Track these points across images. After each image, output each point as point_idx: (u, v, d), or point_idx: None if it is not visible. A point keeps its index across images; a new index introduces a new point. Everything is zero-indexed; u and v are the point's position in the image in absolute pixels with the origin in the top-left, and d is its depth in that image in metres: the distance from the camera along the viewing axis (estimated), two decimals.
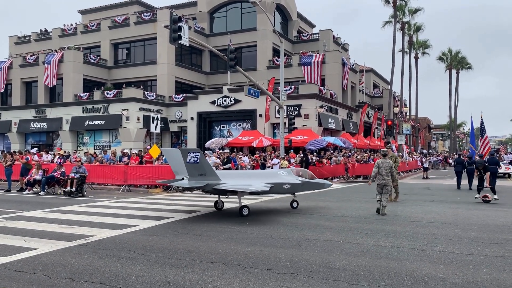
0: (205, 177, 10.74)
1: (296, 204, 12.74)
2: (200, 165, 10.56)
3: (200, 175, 10.68)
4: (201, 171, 10.66)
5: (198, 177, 10.71)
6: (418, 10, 49.27)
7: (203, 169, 10.66)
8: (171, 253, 7.05)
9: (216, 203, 12.50)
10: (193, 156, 10.37)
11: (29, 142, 41.02)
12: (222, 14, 44.25)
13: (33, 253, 7.04)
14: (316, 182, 12.95)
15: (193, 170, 10.58)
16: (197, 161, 10.44)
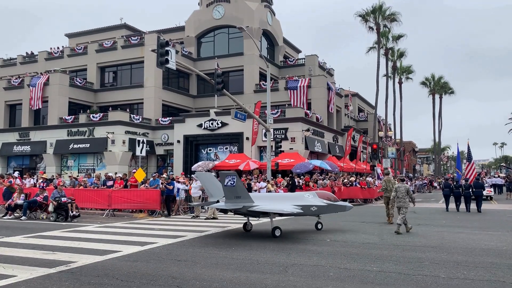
0: (241, 200, 11.38)
1: (320, 226, 13.21)
2: (236, 188, 11.27)
3: (236, 197, 11.33)
4: (237, 194, 11.33)
5: (234, 200, 11.33)
6: (401, 36, 50.50)
7: (238, 192, 11.35)
8: (154, 279, 6.90)
9: (245, 224, 13.04)
10: (230, 179, 11.09)
11: (11, 166, 40.27)
12: (209, 39, 44.75)
13: (12, 280, 6.82)
14: (338, 204, 13.60)
15: (230, 192, 11.26)
16: (233, 184, 11.15)
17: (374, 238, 11.59)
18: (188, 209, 19.84)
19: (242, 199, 11.37)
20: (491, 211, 21.65)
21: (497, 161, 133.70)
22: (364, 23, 46.33)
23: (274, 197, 14.14)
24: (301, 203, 12.30)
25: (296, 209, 11.83)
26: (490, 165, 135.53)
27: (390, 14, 45.99)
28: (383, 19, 46.29)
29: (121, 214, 18.73)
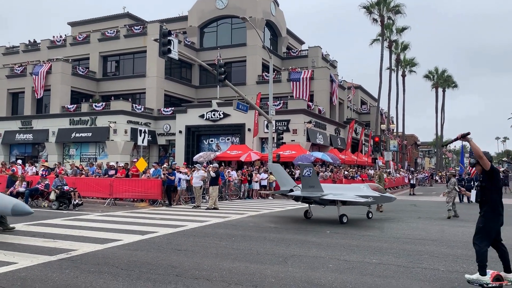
0: (314, 189, 12.52)
1: (371, 215, 14.13)
2: (311, 179, 12.43)
3: (310, 187, 12.48)
4: (311, 184, 12.50)
5: (308, 188, 12.51)
6: (405, 28, 50.17)
7: (312, 182, 12.51)
8: (154, 268, 6.92)
9: (306, 212, 13.95)
10: (307, 170, 12.36)
11: (14, 154, 40.39)
12: (212, 29, 44.54)
13: (13, 267, 6.86)
14: (386, 196, 14.57)
15: (306, 182, 12.47)
16: (310, 175, 12.33)
17: (374, 230, 11.60)
18: (189, 199, 19.90)
19: (315, 189, 12.51)
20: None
21: (499, 156, 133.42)
22: (368, 14, 46.05)
23: (338, 188, 14.83)
24: (360, 194, 13.34)
25: (358, 198, 12.88)
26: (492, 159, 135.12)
27: (394, 6, 45.67)
28: (388, 11, 45.98)
29: (123, 203, 18.79)
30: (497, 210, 6.06)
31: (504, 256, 6.19)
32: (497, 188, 6.20)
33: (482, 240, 6.05)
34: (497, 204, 6.07)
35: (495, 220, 6.08)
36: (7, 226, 10.45)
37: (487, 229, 6.07)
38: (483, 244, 6.02)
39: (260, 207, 18.20)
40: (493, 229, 6.10)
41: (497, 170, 6.22)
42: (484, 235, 6.08)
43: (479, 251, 6.01)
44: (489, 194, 6.11)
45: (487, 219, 6.08)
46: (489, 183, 6.12)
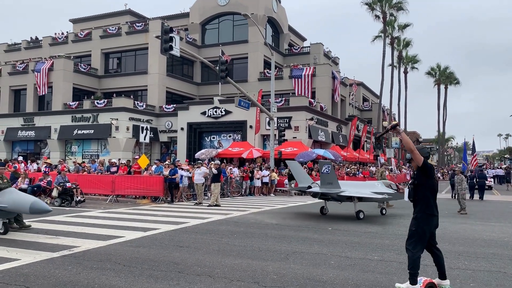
0: (332, 185, 12.84)
1: (384, 211, 14.46)
2: (329, 176, 12.81)
3: (328, 183, 12.82)
4: (329, 181, 12.84)
5: (327, 185, 12.84)
6: (407, 25, 50.02)
7: (330, 179, 12.87)
8: (156, 265, 6.95)
9: (322, 208, 14.25)
10: (326, 167, 12.78)
11: (16, 151, 40.48)
12: (214, 26, 44.48)
13: (15, 264, 6.89)
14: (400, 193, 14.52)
15: (325, 179, 12.86)
16: (328, 172, 12.75)
17: (376, 227, 11.61)
18: (191, 196, 19.93)
19: (333, 185, 12.84)
20: (494, 202, 21.64)
21: (502, 153, 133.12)
22: (371, 11, 45.95)
23: (354, 185, 15.05)
24: (376, 190, 13.65)
25: (374, 195, 13.20)
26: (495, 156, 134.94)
27: (396, 2, 45.53)
28: (390, 8, 45.85)
29: (125, 200, 18.84)
30: (429, 211, 5.56)
31: (439, 261, 5.77)
32: (430, 186, 5.64)
33: (416, 245, 5.54)
34: (430, 204, 5.58)
35: (428, 222, 5.58)
36: (23, 224, 10.39)
37: (420, 232, 5.55)
38: (416, 250, 5.53)
39: (262, 204, 18.22)
40: (426, 232, 5.58)
41: (431, 166, 5.66)
42: (418, 239, 5.55)
43: (411, 257, 5.51)
44: (422, 193, 5.59)
45: (419, 221, 5.56)
46: (422, 180, 5.61)
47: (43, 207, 9.58)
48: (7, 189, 9.96)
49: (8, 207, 9.46)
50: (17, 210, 9.74)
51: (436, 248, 5.80)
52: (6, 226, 9.66)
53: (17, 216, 10.23)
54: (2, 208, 9.48)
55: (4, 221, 9.64)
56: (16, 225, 10.30)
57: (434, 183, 5.69)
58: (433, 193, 5.64)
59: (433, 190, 5.65)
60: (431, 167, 5.63)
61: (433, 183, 5.67)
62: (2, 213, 9.57)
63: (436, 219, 5.63)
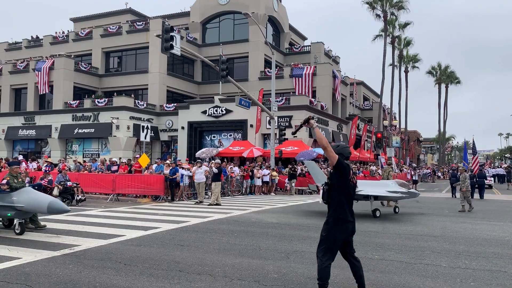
0: None
1: (398, 210, 14.67)
2: None
3: None
4: None
5: None
6: (407, 24, 49.98)
7: None
8: (157, 264, 6.96)
9: None
10: None
11: (17, 149, 40.52)
12: (214, 25, 44.48)
13: (17, 262, 6.91)
14: (412, 191, 15.10)
15: None
16: None
17: (376, 226, 11.61)
18: (192, 195, 19.95)
19: None
20: (494, 201, 21.65)
21: (502, 152, 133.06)
22: (371, 10, 45.90)
23: (369, 184, 15.39)
24: (391, 189, 13.97)
25: (389, 194, 13.51)
26: (495, 155, 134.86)
27: (397, 1, 45.48)
28: (391, 7, 45.81)
29: (125, 199, 18.85)
30: (342, 215, 5.02)
31: (357, 272, 5.21)
32: (344, 187, 5.07)
33: (325, 253, 5.00)
34: (344, 207, 5.03)
35: (340, 228, 5.03)
36: (38, 224, 10.24)
37: (330, 239, 5.00)
38: (325, 258, 4.98)
39: (262, 203, 18.23)
40: (338, 239, 5.04)
41: (346, 165, 5.08)
42: (328, 246, 5.02)
43: (319, 266, 4.99)
44: (336, 195, 5.06)
45: (330, 226, 5.04)
46: (336, 180, 5.09)
47: (61, 207, 9.43)
48: (23, 188, 9.78)
49: (25, 207, 9.31)
50: (34, 210, 9.58)
51: (354, 257, 5.27)
52: (22, 226, 9.46)
53: (32, 216, 10.06)
54: (19, 208, 9.35)
55: (20, 221, 9.44)
56: (31, 225, 10.12)
57: (349, 185, 5.11)
58: (347, 196, 5.09)
59: (347, 192, 5.09)
60: (346, 166, 5.08)
61: (348, 184, 5.09)
62: (19, 213, 9.43)
63: (351, 225, 5.08)
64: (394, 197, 13.95)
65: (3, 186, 9.53)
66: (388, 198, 14.00)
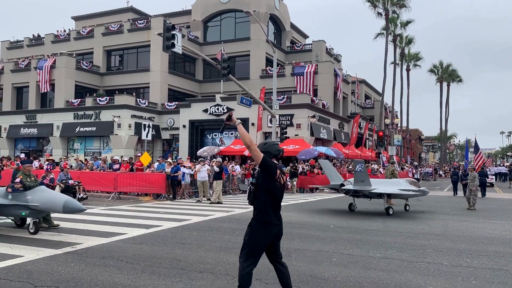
0: (364, 183, 13.45)
1: (408, 207, 14.97)
2: (362, 174, 13.51)
3: (361, 181, 13.44)
4: (362, 179, 13.48)
5: (360, 183, 13.48)
6: (409, 22, 49.90)
7: (363, 177, 13.52)
8: (159, 262, 6.97)
9: (351, 205, 14.83)
10: (360, 166, 13.53)
11: (19, 148, 40.58)
12: (216, 23, 44.44)
13: (19, 260, 6.93)
14: (422, 189, 15.33)
15: (358, 177, 13.53)
16: (361, 170, 13.45)
17: (377, 224, 11.62)
18: (193, 193, 19.97)
19: (365, 183, 13.47)
20: (496, 199, 21.62)
21: (504, 150, 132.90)
22: (373, 8, 45.80)
23: (382, 183, 15.56)
24: (403, 188, 14.39)
25: (401, 192, 13.86)
26: (497, 154, 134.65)
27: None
28: (392, 5, 45.70)
29: (127, 197, 18.89)
30: (266, 218, 4.65)
31: (283, 280, 4.85)
32: (269, 188, 4.68)
33: (247, 258, 4.64)
34: (267, 210, 4.66)
35: (264, 232, 4.64)
36: (51, 223, 10.15)
37: (253, 243, 4.63)
38: (247, 263, 4.62)
39: None
40: (261, 243, 4.66)
41: (271, 164, 4.69)
42: (250, 251, 4.64)
43: (240, 272, 4.62)
44: (261, 196, 4.68)
45: (253, 229, 4.66)
46: (261, 180, 4.72)
47: (77, 206, 9.24)
48: (37, 187, 9.63)
49: (40, 206, 9.15)
50: (49, 210, 9.42)
51: (280, 263, 4.90)
52: (36, 226, 9.32)
53: (45, 215, 9.92)
54: (34, 207, 9.19)
55: (34, 220, 9.32)
56: (45, 225, 10.02)
57: (276, 185, 4.71)
58: (272, 198, 4.70)
59: (273, 194, 4.69)
60: (272, 166, 4.69)
61: (274, 185, 4.70)
62: (33, 212, 9.28)
63: (275, 228, 4.71)
64: (406, 195, 14.18)
65: (17, 185, 9.38)
66: (400, 196, 14.32)
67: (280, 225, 4.80)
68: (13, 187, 9.46)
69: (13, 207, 9.40)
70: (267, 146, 4.94)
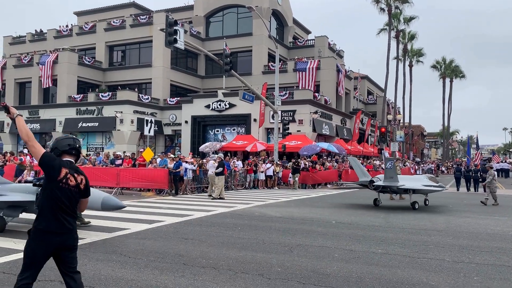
0: (393, 180, 14.19)
1: (428, 202, 15.54)
2: (392, 171, 14.29)
3: (390, 178, 14.20)
4: (391, 175, 14.24)
5: (389, 179, 14.22)
6: (412, 18, 49.69)
7: (392, 174, 14.29)
8: (162, 257, 7.01)
9: (376, 200, 15.45)
10: (390, 163, 14.51)
11: (21, 143, 40.67)
12: (218, 18, 44.35)
13: (22, 255, 6.95)
14: (440, 185, 16.21)
15: (388, 173, 14.30)
16: (391, 167, 14.34)
17: (379, 220, 11.63)
18: (195, 189, 20.01)
19: (393, 179, 14.20)
20: (498, 196, 21.54)
21: (506, 146, 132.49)
22: (376, 4, 45.66)
23: (408, 179, 16.46)
24: (425, 183, 15.26)
25: (424, 187, 14.83)
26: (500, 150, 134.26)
27: None
28: (395, 0, 45.50)
29: (129, 192, 18.93)
30: (42, 225, 3.90)
31: None
32: (50, 190, 3.92)
33: (24, 270, 3.98)
34: (46, 216, 3.90)
35: (40, 242, 3.90)
36: (82, 220, 9.90)
37: (29, 253, 3.94)
38: (22, 276, 3.96)
39: (266, 197, 18.27)
40: (38, 255, 3.93)
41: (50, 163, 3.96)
42: (26, 262, 3.97)
43: (15, 285, 3.95)
44: (41, 199, 4.00)
45: (30, 238, 3.96)
46: (44, 181, 4.05)
47: (116, 202, 8.75)
48: None
49: None
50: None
51: (72, 277, 4.06)
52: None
53: None
54: None
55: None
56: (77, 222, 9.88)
57: (59, 187, 3.93)
58: (54, 201, 3.90)
59: (55, 197, 3.90)
60: (53, 165, 3.96)
61: (56, 187, 3.92)
62: None
63: (58, 238, 3.90)
64: (428, 190, 15.13)
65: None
66: (423, 192, 15.13)
67: (66, 235, 3.95)
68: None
69: None
70: (56, 141, 4.29)
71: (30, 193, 9.24)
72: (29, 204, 9.04)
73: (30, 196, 9.11)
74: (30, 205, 9.08)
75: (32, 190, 9.32)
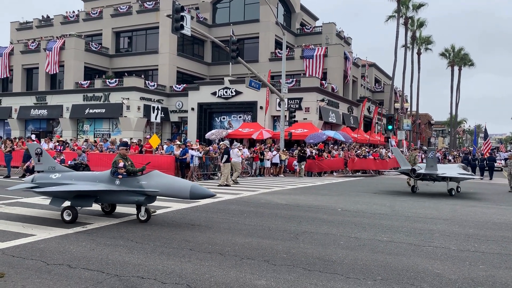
0: (433, 168, 15.24)
1: (460, 189, 16.36)
2: (433, 160, 15.40)
3: (431, 166, 15.23)
4: (432, 164, 15.30)
5: (430, 168, 15.24)
6: (422, 5, 48.98)
7: (433, 162, 15.35)
8: (168, 242, 7.07)
9: (413, 187, 16.56)
10: (432, 153, 15.68)
11: (29, 129, 40.99)
12: (225, 4, 44.01)
13: (31, 239, 7.06)
14: (471, 173, 17.62)
15: (429, 162, 15.42)
16: (432, 157, 15.45)
17: (385, 209, 11.64)
18: (202, 176, 20.09)
19: (433, 168, 15.19)
20: (505, 185, 21.44)
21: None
22: None
23: (445, 167, 17.40)
24: (460, 171, 16.34)
25: (460, 175, 15.91)
26: (508, 139, 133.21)
27: None
28: None
29: None
30: None
31: None
32: None
33: None
34: None
35: None
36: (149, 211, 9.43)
37: None
38: None
39: (272, 184, 18.32)
40: None
41: None
42: None
43: None
44: None
45: None
46: None
47: (204, 191, 8.53)
48: (151, 172, 8.91)
49: (160, 192, 8.48)
50: (173, 195, 8.64)
51: None
52: (149, 212, 8.81)
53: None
54: (151, 193, 8.57)
55: (146, 207, 8.79)
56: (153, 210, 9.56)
57: None
58: None
59: None
60: None
61: None
62: (148, 199, 8.73)
63: None
64: (463, 178, 16.25)
65: (121, 169, 8.63)
66: (459, 179, 16.09)
67: None
68: (117, 172, 8.69)
69: (122, 193, 8.66)
70: None
71: (103, 182, 8.80)
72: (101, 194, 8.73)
73: (102, 185, 8.68)
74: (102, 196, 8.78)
75: (104, 178, 8.90)
